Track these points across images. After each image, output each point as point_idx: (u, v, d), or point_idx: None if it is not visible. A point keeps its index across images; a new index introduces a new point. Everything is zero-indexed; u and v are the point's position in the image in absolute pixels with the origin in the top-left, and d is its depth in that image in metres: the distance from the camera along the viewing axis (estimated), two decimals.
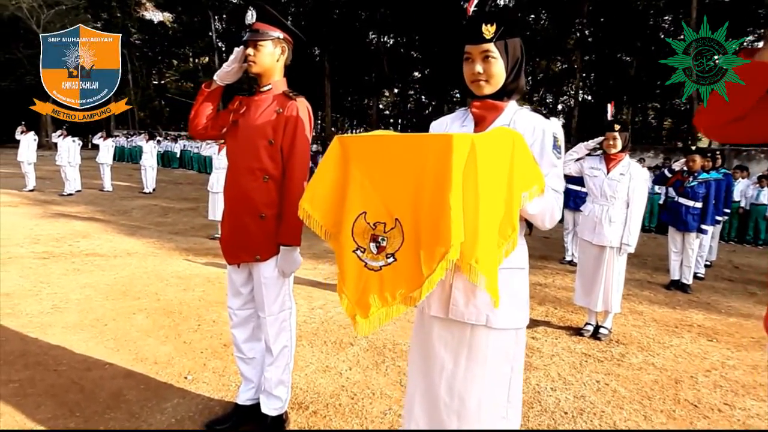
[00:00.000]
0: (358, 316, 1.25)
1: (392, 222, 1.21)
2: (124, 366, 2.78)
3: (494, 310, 1.42)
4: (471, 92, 1.53)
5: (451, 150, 1.10)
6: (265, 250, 1.98)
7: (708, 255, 6.33)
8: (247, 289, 2.12)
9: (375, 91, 21.15)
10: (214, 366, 2.84)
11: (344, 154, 1.31)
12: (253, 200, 1.96)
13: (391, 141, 1.28)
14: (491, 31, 1.41)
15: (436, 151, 1.14)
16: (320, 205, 1.33)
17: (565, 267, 6.13)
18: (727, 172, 6.44)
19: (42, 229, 6.71)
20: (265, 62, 1.97)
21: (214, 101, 2.12)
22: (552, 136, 1.44)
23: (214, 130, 2.14)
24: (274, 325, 2.05)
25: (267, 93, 2.02)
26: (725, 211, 6.59)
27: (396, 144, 1.26)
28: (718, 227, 6.82)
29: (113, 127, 27.11)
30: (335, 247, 1.33)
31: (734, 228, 9.39)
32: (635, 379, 2.97)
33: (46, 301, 3.78)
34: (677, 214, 5.20)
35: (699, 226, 5.11)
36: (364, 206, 1.24)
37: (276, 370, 2.10)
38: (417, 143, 1.22)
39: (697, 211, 5.03)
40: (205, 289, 4.37)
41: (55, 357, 2.83)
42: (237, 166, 1.99)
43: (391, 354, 3.17)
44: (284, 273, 2.02)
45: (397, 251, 1.21)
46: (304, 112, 1.97)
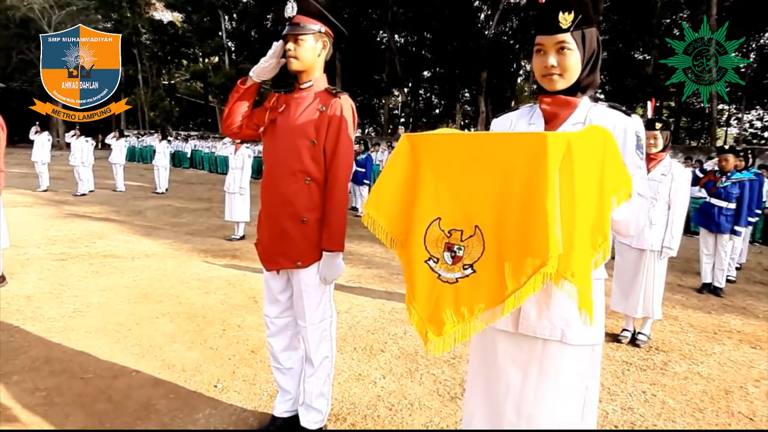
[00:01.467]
0: (430, 333, 1.14)
1: (471, 229, 1.09)
2: (152, 374, 2.69)
3: (570, 324, 1.30)
4: (540, 87, 1.41)
5: (546, 150, 0.98)
6: (307, 256, 1.87)
7: (738, 257, 6.14)
8: (286, 296, 2.02)
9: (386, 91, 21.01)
10: (243, 374, 2.74)
11: (414, 154, 1.19)
12: (294, 204, 1.85)
13: (469, 140, 1.16)
14: (568, 19, 1.29)
15: (527, 151, 1.02)
16: (387, 211, 1.22)
17: None
18: (758, 171, 6.25)
19: (58, 230, 6.67)
20: (306, 58, 1.86)
21: (250, 98, 2.02)
22: (635, 135, 1.31)
23: (250, 129, 2.04)
24: (315, 335, 1.94)
25: (308, 90, 1.91)
26: (757, 212, 6.40)
27: (476, 143, 1.14)
28: (750, 229, 6.63)
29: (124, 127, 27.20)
30: (403, 256, 1.21)
31: (759, 229, 9.15)
32: (682, 390, 2.83)
33: (67, 305, 3.71)
34: (709, 215, 5.02)
35: (732, 227, 4.94)
36: (439, 212, 1.13)
37: (316, 382, 1.99)
38: (502, 142, 1.10)
39: (730, 212, 4.86)
40: (227, 292, 4.28)
41: (80, 364, 2.75)
42: (276, 168, 1.88)
43: (423, 361, 3.05)
44: (326, 280, 1.91)
45: (476, 262, 1.09)
46: (348, 111, 1.86)
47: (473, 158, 1.10)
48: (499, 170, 1.06)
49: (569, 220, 1.00)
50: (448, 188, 1.12)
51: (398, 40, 21.43)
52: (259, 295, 4.19)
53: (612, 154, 1.11)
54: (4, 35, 29.74)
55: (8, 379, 2.53)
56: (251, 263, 5.38)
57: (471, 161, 1.10)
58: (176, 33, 31.01)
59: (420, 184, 1.16)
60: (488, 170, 1.08)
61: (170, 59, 31.81)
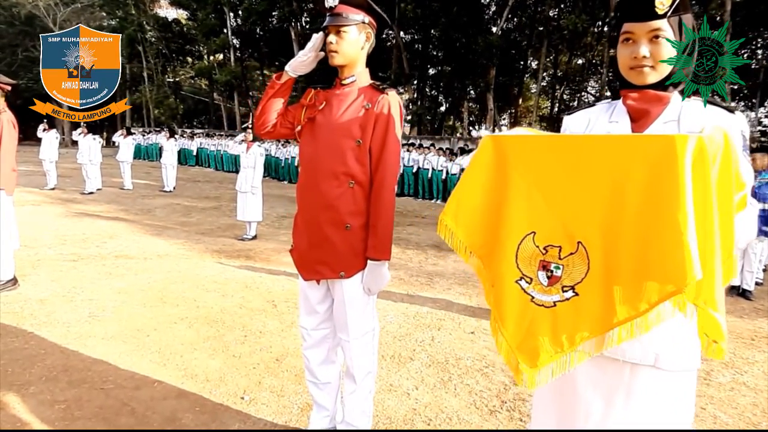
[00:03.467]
0: (522, 364, 0.99)
1: (572, 245, 0.95)
2: (174, 384, 2.56)
3: (666, 347, 1.16)
4: (623, 81, 1.27)
5: (676, 155, 0.84)
6: (351, 265, 1.74)
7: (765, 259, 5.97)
8: (324, 306, 1.88)
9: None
10: (270, 384, 2.61)
11: (500, 158, 1.04)
12: (338, 209, 1.71)
13: (568, 143, 1.01)
14: (666, 4, 1.15)
15: (646, 156, 0.88)
16: (467, 221, 1.07)
17: None
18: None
19: (68, 229, 6.56)
20: (348, 51, 1.72)
21: (285, 95, 1.88)
22: (741, 135, 1.17)
23: (284, 128, 1.90)
24: (358, 349, 1.80)
25: (350, 86, 1.77)
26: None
27: (576, 147, 0.99)
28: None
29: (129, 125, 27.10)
30: (485, 275, 1.07)
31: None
32: (731, 402, 2.68)
33: (82, 309, 3.59)
34: None
35: (763, 229, 4.78)
36: (532, 225, 0.98)
37: (358, 399, 1.86)
38: (613, 146, 0.95)
39: (764, 214, 4.71)
40: (244, 295, 4.15)
41: (99, 373, 2.62)
42: (317, 170, 1.74)
43: (456, 370, 2.92)
44: (371, 290, 1.77)
45: (579, 283, 0.95)
46: (395, 108, 1.72)
47: (574, 164, 0.96)
48: (608, 178, 0.92)
49: (702, 237, 0.85)
50: (544, 198, 0.98)
51: (404, 37, 21.22)
52: (277, 299, 4.06)
53: (732, 157, 0.97)
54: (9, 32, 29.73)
55: (25, 390, 2.40)
56: (266, 264, 5.26)
57: (571, 167, 0.96)
58: (181, 30, 30.87)
59: (509, 193, 1.01)
60: (593, 178, 0.94)
61: (175, 57, 31.67)
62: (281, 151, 16.41)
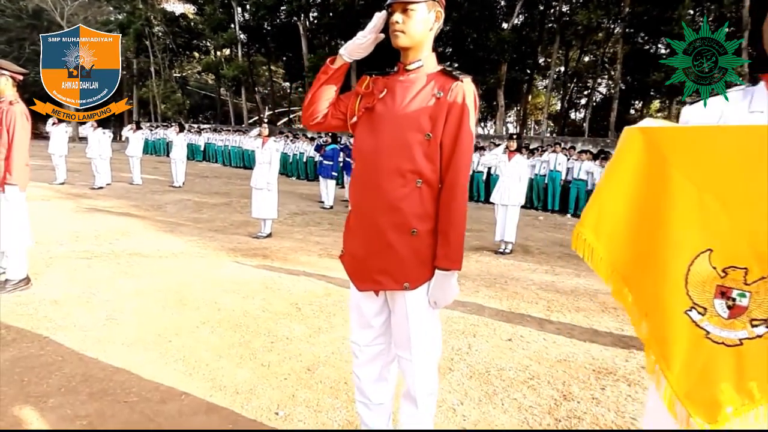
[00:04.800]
0: (696, 417, 0.78)
1: (764, 268, 0.75)
2: (203, 397, 2.37)
3: None
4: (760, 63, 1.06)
5: None
6: (416, 275, 1.53)
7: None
8: (380, 320, 1.68)
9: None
10: (305, 398, 2.42)
11: (654, 155, 0.84)
12: (403, 211, 1.51)
13: (752, 135, 0.80)
14: None
15: None
16: (610, 233, 0.87)
17: None
18: None
19: (79, 226, 6.40)
20: (416, 32, 1.51)
21: (338, 82, 1.68)
22: None
23: (336, 119, 1.69)
24: (421, 369, 1.60)
25: (416, 71, 1.56)
26: None
27: (763, 138, 0.78)
28: None
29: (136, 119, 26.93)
30: (633, 300, 0.86)
31: None
32: None
33: (99, 311, 3.41)
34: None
35: None
36: (708, 240, 0.78)
37: (419, 424, 1.66)
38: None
39: None
40: (265, 297, 3.96)
41: (122, 384, 2.44)
42: (379, 167, 1.53)
43: (499, 383, 2.72)
44: (437, 303, 1.57)
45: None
46: (471, 98, 1.51)
47: (761, 162, 0.75)
48: None
49: None
50: (723, 206, 0.77)
51: None
52: (300, 302, 3.87)
53: None
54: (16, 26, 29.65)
55: (44, 403, 2.22)
56: (284, 264, 5.07)
57: (758, 167, 0.75)
58: (188, 25, 30.65)
59: (671, 199, 0.81)
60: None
61: (182, 51, 31.48)
62: (290, 146, 16.20)
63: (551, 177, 11.10)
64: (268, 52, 28.21)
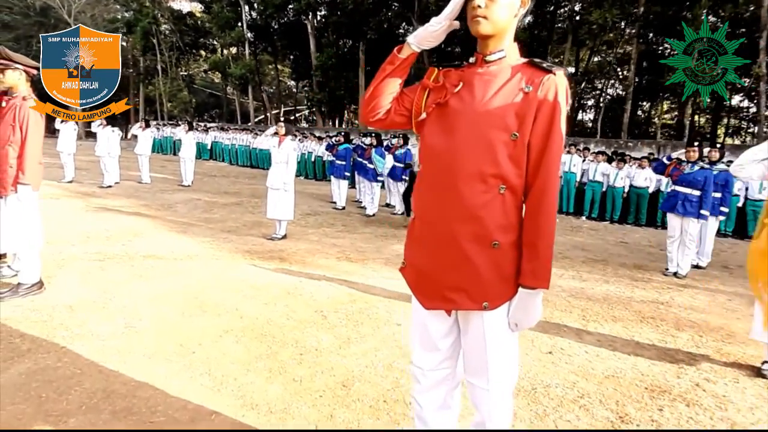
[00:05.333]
0: None
1: None
2: (234, 416, 2.19)
3: None
4: None
5: None
6: (498, 293, 1.35)
7: None
8: (448, 342, 1.50)
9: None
10: (344, 418, 2.24)
11: None
12: (483, 220, 1.32)
13: None
14: None
15: None
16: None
17: (671, 280, 5.40)
18: None
19: (90, 225, 6.24)
20: (500, 18, 1.33)
21: (404, 74, 1.49)
22: None
23: (399, 115, 1.51)
24: (499, 398, 1.41)
25: (498, 63, 1.38)
26: None
27: None
28: None
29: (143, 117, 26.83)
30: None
31: None
32: None
33: (117, 318, 3.24)
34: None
35: None
36: None
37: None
38: None
39: None
40: (288, 303, 3.78)
41: (146, 401, 2.26)
42: (456, 170, 1.34)
43: (548, 401, 2.53)
44: (518, 325, 1.39)
45: None
46: (563, 93, 1.32)
47: None
48: None
49: None
50: None
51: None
52: (325, 309, 3.69)
53: None
54: (24, 23, 29.59)
55: (64, 422, 2.05)
56: (303, 267, 4.89)
57: None
58: (195, 23, 30.55)
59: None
60: None
61: (189, 50, 31.36)
62: (297, 146, 16.04)
63: (566, 179, 10.87)
64: (275, 50, 28.06)
